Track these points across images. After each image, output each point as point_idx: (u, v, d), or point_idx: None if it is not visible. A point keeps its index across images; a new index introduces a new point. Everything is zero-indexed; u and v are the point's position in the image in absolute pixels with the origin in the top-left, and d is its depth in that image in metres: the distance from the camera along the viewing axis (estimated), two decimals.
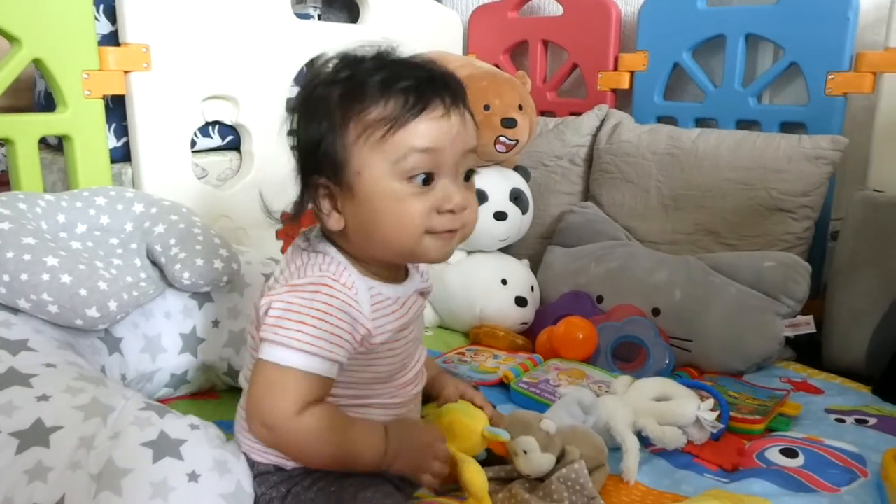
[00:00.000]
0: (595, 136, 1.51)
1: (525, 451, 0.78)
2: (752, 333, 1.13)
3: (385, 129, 0.66)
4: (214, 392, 1.06)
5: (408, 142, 0.66)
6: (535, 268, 1.42)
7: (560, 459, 0.79)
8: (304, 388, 0.66)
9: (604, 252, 1.34)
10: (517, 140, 1.35)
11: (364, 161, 0.67)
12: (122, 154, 1.20)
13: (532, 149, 1.49)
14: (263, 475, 0.74)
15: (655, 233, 1.38)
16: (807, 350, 1.21)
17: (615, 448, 0.87)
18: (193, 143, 1.27)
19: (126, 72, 1.14)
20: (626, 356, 1.16)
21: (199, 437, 0.71)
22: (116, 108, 1.18)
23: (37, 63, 1.07)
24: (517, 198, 1.38)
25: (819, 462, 0.85)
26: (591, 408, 0.92)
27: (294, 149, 0.72)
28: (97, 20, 1.13)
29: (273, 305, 0.68)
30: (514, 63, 1.76)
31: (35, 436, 0.67)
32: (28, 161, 1.07)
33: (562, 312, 1.25)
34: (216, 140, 1.32)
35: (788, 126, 1.37)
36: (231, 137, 1.34)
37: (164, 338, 0.98)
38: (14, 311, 0.84)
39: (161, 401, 0.93)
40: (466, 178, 0.71)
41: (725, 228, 1.31)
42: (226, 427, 0.79)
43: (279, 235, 1.37)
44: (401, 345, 0.75)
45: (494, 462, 0.82)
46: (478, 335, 1.30)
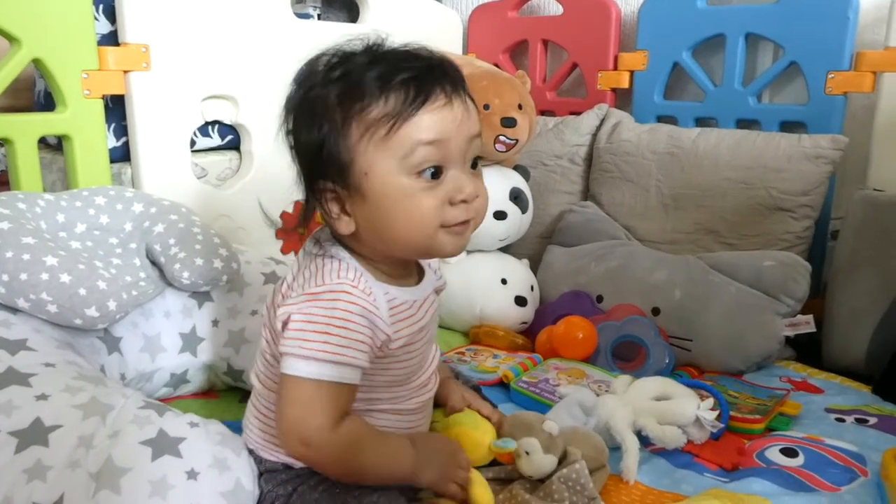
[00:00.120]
0: (595, 136, 1.51)
1: (527, 453, 0.78)
2: (752, 333, 1.13)
3: (388, 126, 0.64)
4: (214, 392, 1.06)
5: (413, 136, 0.64)
6: (535, 267, 1.42)
7: (562, 461, 0.79)
8: (338, 399, 0.66)
9: (604, 251, 1.34)
10: (517, 139, 1.34)
11: (370, 161, 0.65)
12: (122, 154, 1.20)
13: (532, 148, 1.49)
14: (271, 472, 0.74)
15: (655, 232, 1.38)
16: (807, 349, 1.21)
17: (615, 447, 0.87)
18: (193, 143, 1.27)
19: (125, 71, 1.14)
20: (626, 355, 1.16)
21: (199, 435, 0.71)
22: (116, 108, 1.18)
23: (36, 63, 1.07)
24: (517, 197, 1.38)
25: (819, 461, 0.85)
26: (593, 409, 0.92)
27: (293, 150, 0.70)
28: (97, 20, 1.12)
29: (293, 318, 0.66)
30: (514, 62, 1.76)
31: (34, 435, 0.67)
32: (27, 161, 1.07)
33: (561, 312, 1.25)
34: (216, 140, 1.32)
35: (788, 125, 1.37)
36: (231, 137, 1.34)
37: (164, 337, 0.98)
38: (13, 311, 0.84)
39: (161, 400, 0.92)
40: (473, 166, 0.69)
41: (725, 228, 1.31)
42: (226, 426, 0.78)
43: (279, 235, 1.37)
44: (417, 347, 0.74)
45: (495, 462, 0.82)
46: (477, 335, 1.31)
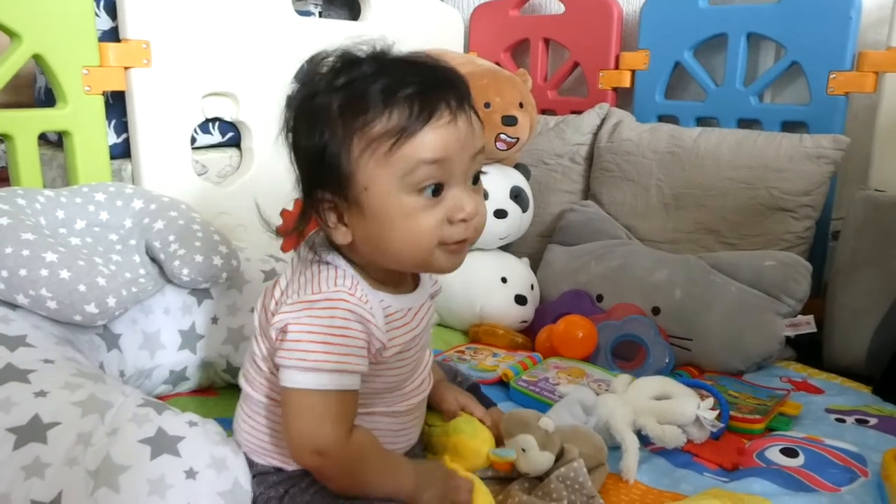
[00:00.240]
0: (596, 135, 1.51)
1: (524, 450, 0.78)
2: (753, 333, 1.13)
3: (391, 143, 0.63)
4: (213, 389, 1.05)
5: (416, 154, 0.63)
6: (535, 266, 1.42)
7: (559, 458, 0.79)
8: (346, 406, 0.67)
9: (604, 251, 1.34)
10: (517, 138, 1.34)
11: (371, 176, 0.64)
12: (122, 150, 1.20)
13: (532, 147, 1.49)
14: (262, 475, 0.74)
15: (656, 232, 1.38)
16: (807, 349, 1.21)
17: (615, 447, 0.86)
18: (193, 140, 1.27)
19: (126, 68, 1.14)
20: (626, 355, 1.16)
21: (198, 434, 0.71)
22: (116, 105, 1.18)
23: (37, 59, 1.07)
24: (517, 196, 1.38)
25: (819, 462, 0.85)
26: (593, 408, 0.91)
27: (292, 151, 0.69)
28: (97, 16, 1.12)
29: (290, 328, 0.66)
30: (515, 61, 1.75)
31: (33, 432, 0.67)
32: (28, 157, 1.07)
33: (562, 311, 1.25)
34: (216, 137, 1.32)
35: (790, 125, 1.37)
36: (231, 134, 1.34)
37: (163, 334, 0.98)
38: (12, 307, 0.84)
39: (160, 397, 0.93)
40: (474, 181, 0.68)
41: (726, 227, 1.31)
42: (225, 424, 0.78)
43: (279, 231, 1.36)
44: (411, 354, 0.74)
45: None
46: (477, 333, 1.30)
